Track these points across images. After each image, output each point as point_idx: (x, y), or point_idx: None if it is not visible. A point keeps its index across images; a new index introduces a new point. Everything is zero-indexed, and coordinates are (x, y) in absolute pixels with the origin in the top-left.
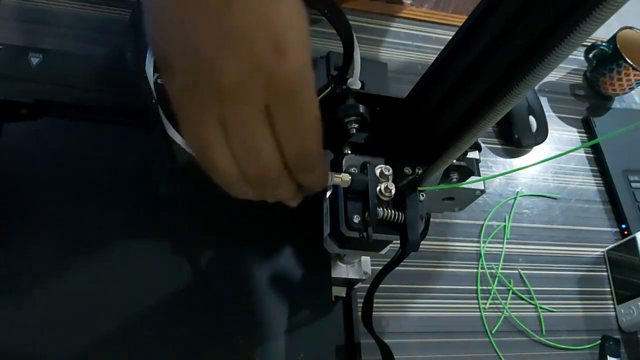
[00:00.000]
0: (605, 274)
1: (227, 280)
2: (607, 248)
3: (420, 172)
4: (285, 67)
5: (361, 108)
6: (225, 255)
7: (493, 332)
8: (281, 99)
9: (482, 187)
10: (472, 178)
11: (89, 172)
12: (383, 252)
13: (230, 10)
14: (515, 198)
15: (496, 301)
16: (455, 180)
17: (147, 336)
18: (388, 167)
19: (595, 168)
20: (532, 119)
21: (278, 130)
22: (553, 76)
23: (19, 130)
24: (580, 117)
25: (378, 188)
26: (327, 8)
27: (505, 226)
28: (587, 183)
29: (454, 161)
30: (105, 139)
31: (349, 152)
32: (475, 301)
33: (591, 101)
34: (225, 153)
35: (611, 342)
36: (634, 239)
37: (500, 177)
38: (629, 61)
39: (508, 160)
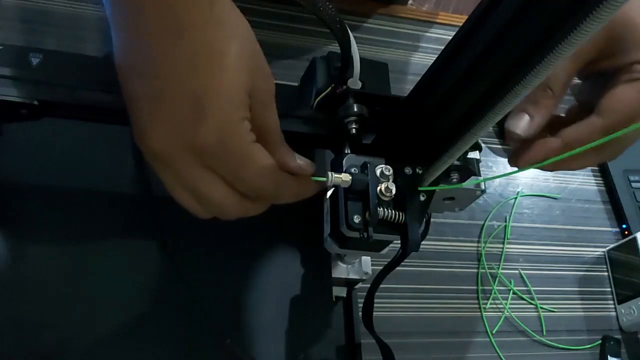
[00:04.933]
0: (606, 273)
1: (227, 280)
2: (607, 248)
3: (420, 172)
4: (203, 131)
5: (361, 108)
6: (225, 255)
7: (494, 332)
8: (209, 159)
9: (483, 187)
10: (473, 178)
11: (89, 172)
12: (383, 252)
13: (155, 78)
14: (515, 198)
15: (497, 301)
16: (455, 180)
17: (147, 337)
18: (388, 167)
19: (596, 168)
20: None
21: (223, 178)
22: None
23: (19, 131)
24: None
25: (378, 188)
26: (320, 11)
27: (505, 226)
28: (587, 183)
29: (455, 161)
30: (105, 139)
31: (349, 152)
32: (476, 301)
33: None
34: (185, 196)
35: (612, 342)
36: (635, 238)
37: (501, 177)
38: None
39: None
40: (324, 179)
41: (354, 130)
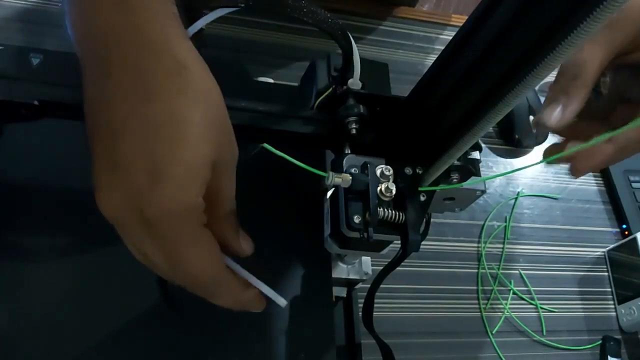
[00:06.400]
0: (606, 274)
1: None
2: (607, 248)
3: (420, 172)
4: (155, 201)
5: (361, 108)
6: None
7: (494, 332)
8: (154, 230)
9: (483, 188)
10: (473, 178)
11: (89, 173)
12: (383, 252)
13: (116, 141)
14: (515, 198)
15: (497, 301)
16: (455, 180)
17: (149, 336)
18: (389, 167)
19: None
20: (532, 119)
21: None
22: (554, 76)
23: (19, 131)
24: None
25: (379, 188)
26: (320, 21)
27: (505, 226)
28: (587, 183)
29: (455, 161)
30: None
31: (350, 152)
32: (476, 301)
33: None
34: (139, 256)
35: (612, 343)
36: (635, 239)
37: (501, 177)
38: None
39: (509, 160)
40: (325, 174)
41: (354, 130)
